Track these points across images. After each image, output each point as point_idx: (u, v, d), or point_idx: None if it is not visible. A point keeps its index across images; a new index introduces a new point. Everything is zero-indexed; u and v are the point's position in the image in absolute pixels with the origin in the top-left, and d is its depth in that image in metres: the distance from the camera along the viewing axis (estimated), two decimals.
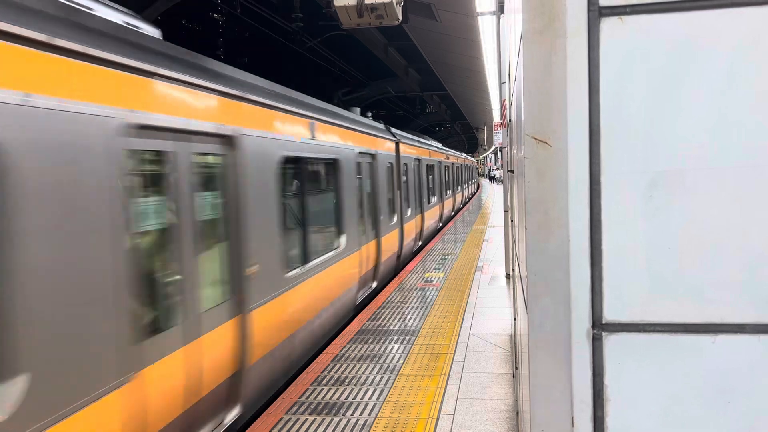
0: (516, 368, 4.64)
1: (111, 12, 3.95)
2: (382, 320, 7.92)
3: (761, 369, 1.62)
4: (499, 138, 16.16)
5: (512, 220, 5.55)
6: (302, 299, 6.32)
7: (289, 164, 6.32)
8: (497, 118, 19.63)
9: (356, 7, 6.76)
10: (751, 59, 1.57)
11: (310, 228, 6.95)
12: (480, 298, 8.95)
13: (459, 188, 29.31)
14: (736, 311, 1.62)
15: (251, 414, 5.26)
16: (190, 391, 4.20)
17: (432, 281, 10.41)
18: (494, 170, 67.62)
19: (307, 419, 4.94)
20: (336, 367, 6.15)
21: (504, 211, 10.07)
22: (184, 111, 4.19)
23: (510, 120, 4.63)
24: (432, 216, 17.62)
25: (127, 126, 3.53)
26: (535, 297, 1.75)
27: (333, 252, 7.55)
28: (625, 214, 1.65)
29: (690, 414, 1.66)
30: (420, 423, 4.76)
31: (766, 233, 1.59)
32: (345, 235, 8.12)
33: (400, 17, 7.06)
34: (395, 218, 11.99)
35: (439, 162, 20.15)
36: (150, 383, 3.73)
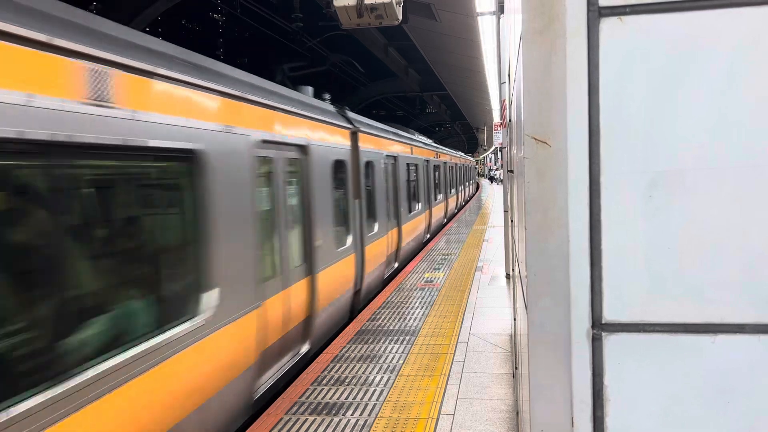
0: (516, 368, 4.64)
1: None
2: (382, 320, 7.92)
3: (761, 369, 1.62)
4: (499, 138, 16.15)
5: (512, 220, 5.55)
6: (344, 270, 8.09)
7: (337, 166, 8.07)
8: (497, 118, 19.63)
9: (356, 7, 6.76)
10: (751, 59, 1.57)
11: (351, 216, 8.78)
12: (480, 298, 8.95)
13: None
14: (736, 311, 1.62)
15: (315, 351, 6.97)
16: (285, 322, 6.00)
17: (432, 281, 10.41)
18: (494, 170, 67.62)
19: (307, 419, 4.94)
20: (336, 367, 6.15)
21: (504, 211, 10.07)
22: (285, 131, 6.21)
23: (510, 120, 4.63)
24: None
25: (258, 141, 5.43)
26: (535, 297, 1.75)
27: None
28: (625, 214, 1.65)
29: (690, 414, 1.66)
30: (420, 423, 4.76)
31: (766, 233, 1.59)
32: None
33: (400, 17, 7.06)
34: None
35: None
36: (268, 310, 5.53)
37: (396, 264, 11.93)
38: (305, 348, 6.63)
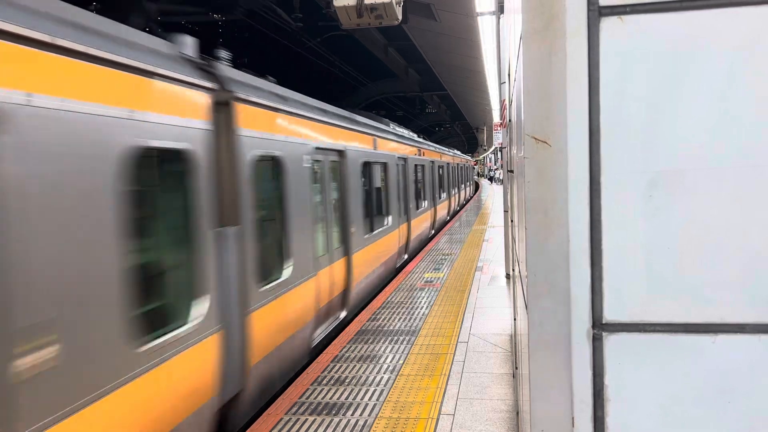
0: (516, 368, 4.64)
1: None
2: (382, 320, 7.92)
3: (761, 369, 1.62)
4: (499, 138, 16.14)
5: (512, 220, 5.55)
6: (373, 252, 9.94)
7: (366, 166, 9.94)
8: (497, 118, 19.63)
9: (356, 7, 6.77)
10: (751, 58, 1.57)
11: (374, 210, 10.51)
12: (480, 298, 8.95)
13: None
14: (736, 311, 1.62)
15: (350, 317, 8.58)
16: (331, 291, 7.66)
17: (432, 281, 10.41)
18: (493, 170, 67.64)
19: (307, 419, 4.94)
20: (336, 368, 6.15)
21: (504, 211, 10.07)
22: (330, 139, 7.88)
23: (510, 120, 4.63)
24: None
25: (313, 147, 7.10)
26: (535, 297, 1.75)
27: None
28: (625, 214, 1.65)
29: (690, 414, 1.66)
30: (420, 423, 4.75)
31: (766, 233, 1.59)
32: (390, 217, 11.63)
33: (400, 17, 7.06)
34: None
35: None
36: (320, 279, 7.17)
37: (406, 255, 13.71)
38: (343, 314, 8.26)
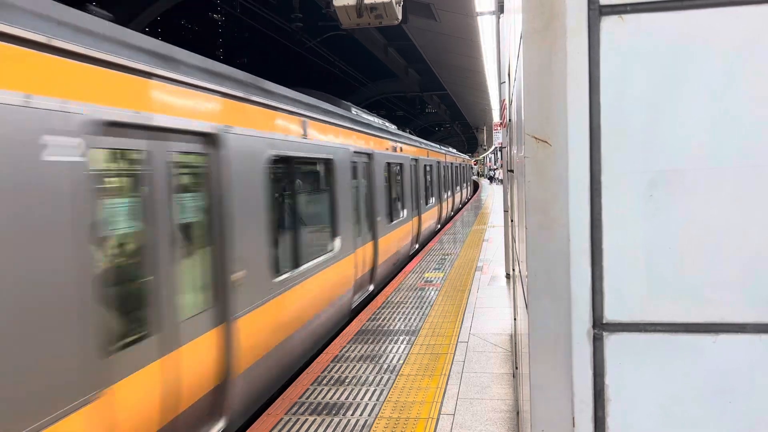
0: (516, 368, 4.64)
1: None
2: (382, 320, 7.92)
3: (762, 369, 1.61)
4: (499, 138, 16.14)
5: (512, 220, 5.55)
6: (392, 239, 11.45)
7: (387, 166, 11.50)
8: (497, 118, 19.62)
9: (356, 7, 6.76)
10: (751, 58, 1.56)
11: (394, 203, 12.05)
12: (480, 298, 8.95)
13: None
14: (737, 311, 1.62)
15: (375, 292, 10.12)
16: (363, 267, 9.21)
17: (432, 281, 10.41)
18: (493, 169, 67.66)
19: (307, 419, 4.94)
20: (336, 368, 6.15)
21: (504, 211, 10.07)
22: (363, 145, 9.50)
23: (510, 120, 4.62)
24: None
25: (352, 151, 8.72)
26: (536, 297, 1.75)
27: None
28: (626, 214, 1.65)
29: (690, 414, 1.65)
30: (420, 423, 4.75)
31: (766, 233, 1.59)
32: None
33: (400, 17, 7.06)
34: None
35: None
36: (358, 255, 8.89)
37: (417, 245, 15.15)
38: (371, 288, 9.81)
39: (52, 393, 2.94)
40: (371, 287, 9.76)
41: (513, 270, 4.87)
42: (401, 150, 13.12)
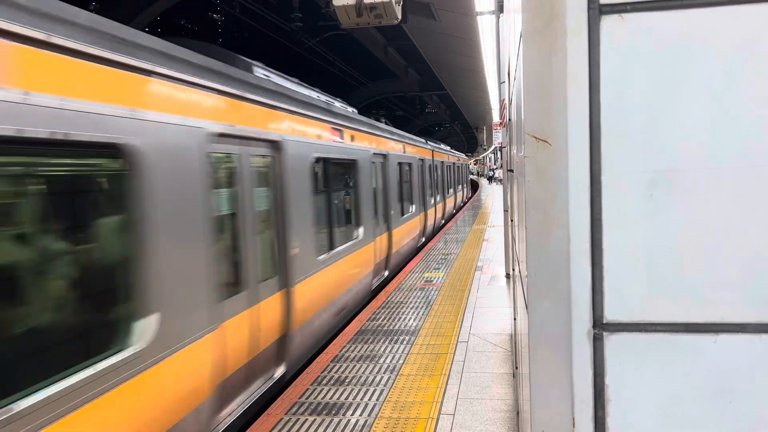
0: (516, 368, 4.63)
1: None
2: (382, 320, 7.92)
3: (762, 369, 1.61)
4: (499, 138, 16.14)
5: (512, 220, 5.55)
6: (403, 231, 12.75)
7: (399, 165, 12.79)
8: (497, 118, 19.61)
9: (355, 7, 6.76)
10: (752, 57, 1.56)
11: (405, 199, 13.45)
12: (480, 298, 8.95)
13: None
14: (737, 311, 1.61)
15: (390, 276, 11.55)
16: (381, 254, 10.48)
17: (432, 281, 10.41)
18: (493, 169, 67.68)
19: (307, 419, 4.94)
20: (336, 368, 6.15)
21: (504, 211, 10.07)
22: (379, 147, 10.70)
23: (509, 119, 4.62)
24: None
25: (372, 153, 10.14)
26: (536, 297, 1.75)
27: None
28: (626, 214, 1.65)
29: (691, 414, 1.65)
30: (420, 423, 4.75)
31: (766, 233, 1.59)
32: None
33: (399, 16, 7.06)
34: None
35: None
36: (377, 244, 10.02)
37: (423, 239, 16.17)
38: (387, 273, 11.06)
39: (199, 320, 4.26)
40: (386, 272, 11.05)
41: (513, 270, 4.87)
42: (409, 151, 14.22)
